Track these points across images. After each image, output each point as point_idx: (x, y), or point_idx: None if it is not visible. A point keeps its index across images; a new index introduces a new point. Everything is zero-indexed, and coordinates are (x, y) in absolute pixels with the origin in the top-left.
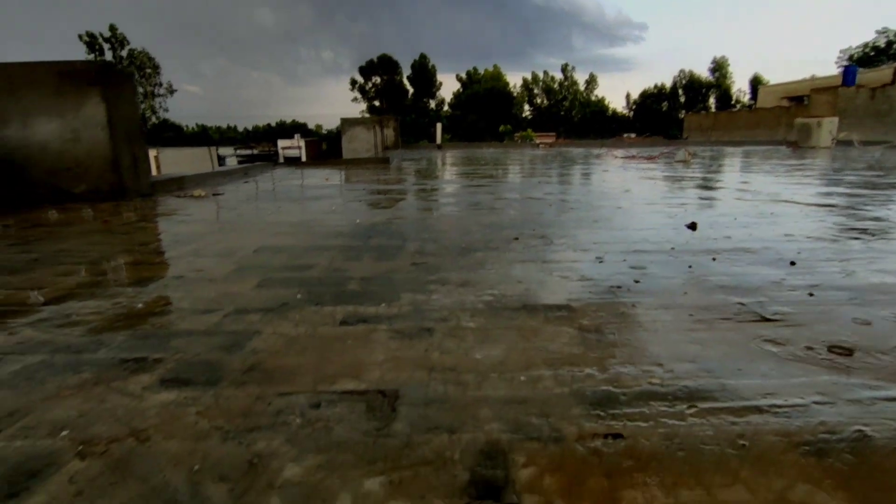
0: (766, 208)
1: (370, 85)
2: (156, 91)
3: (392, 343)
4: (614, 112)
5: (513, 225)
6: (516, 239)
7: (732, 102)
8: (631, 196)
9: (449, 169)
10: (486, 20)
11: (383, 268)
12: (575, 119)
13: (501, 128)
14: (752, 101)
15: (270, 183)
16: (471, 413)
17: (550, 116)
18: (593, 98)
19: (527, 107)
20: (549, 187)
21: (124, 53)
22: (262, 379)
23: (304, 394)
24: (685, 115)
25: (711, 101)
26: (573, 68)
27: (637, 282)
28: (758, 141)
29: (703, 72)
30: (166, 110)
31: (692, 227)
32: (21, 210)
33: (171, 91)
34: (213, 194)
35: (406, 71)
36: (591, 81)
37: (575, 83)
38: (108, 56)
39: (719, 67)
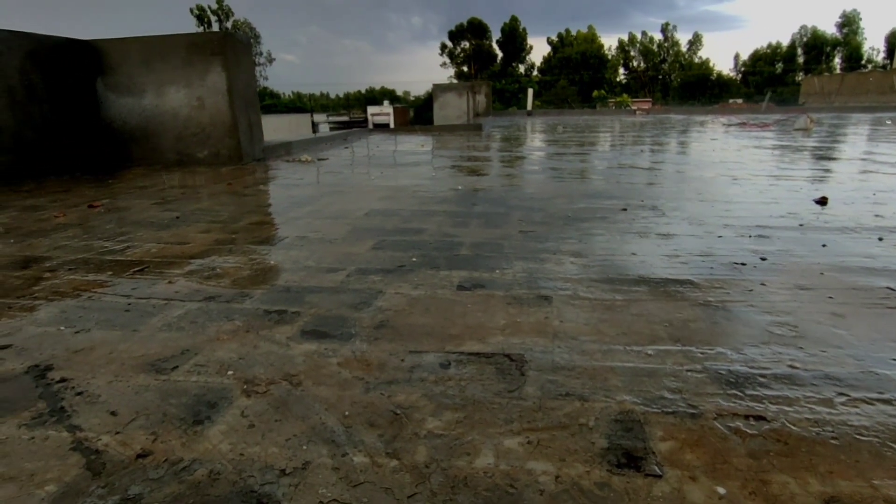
0: None
1: (459, 50)
2: (256, 60)
3: (511, 309)
4: (720, 76)
5: (619, 195)
6: (624, 210)
7: (863, 62)
8: (746, 167)
9: (542, 136)
10: None
11: (492, 235)
12: (675, 84)
13: (595, 93)
14: (888, 61)
15: (368, 149)
16: (600, 382)
17: (648, 80)
18: (696, 60)
19: (622, 70)
20: (652, 156)
21: (229, 24)
22: (392, 336)
23: (434, 353)
24: (803, 78)
25: (836, 61)
26: (674, 27)
27: (763, 259)
28: (894, 107)
29: (828, 28)
30: (266, 79)
31: (822, 202)
32: (158, 169)
33: (271, 60)
34: (318, 159)
35: (496, 35)
36: (696, 41)
37: (676, 44)
38: (215, 26)
39: (849, 22)
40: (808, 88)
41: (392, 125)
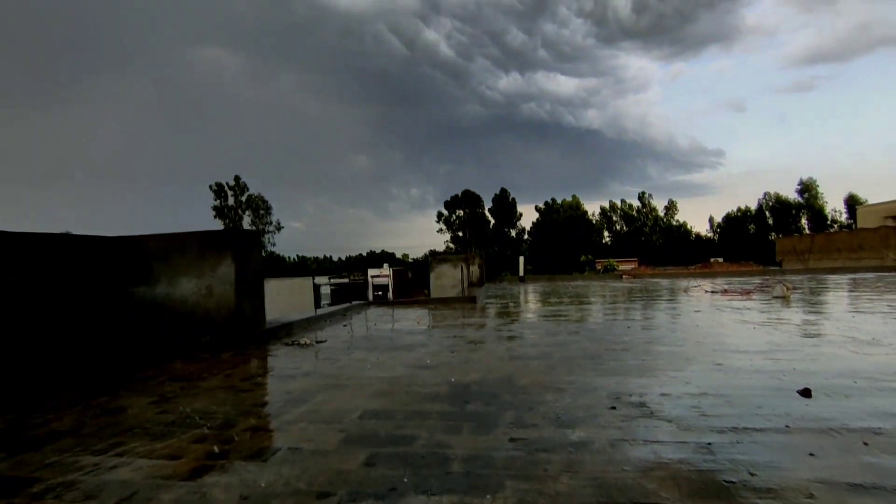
0: (895, 365)
1: (454, 217)
2: (266, 229)
3: None
4: (698, 236)
5: (608, 387)
6: (613, 408)
7: (828, 223)
8: (730, 348)
9: (534, 309)
10: (561, 156)
11: (484, 444)
12: (657, 244)
13: (583, 258)
14: (851, 222)
15: (366, 327)
16: None
17: (631, 242)
18: (674, 223)
19: (606, 233)
20: (639, 335)
21: (244, 198)
22: None
23: None
24: (777, 239)
25: (804, 222)
26: (650, 196)
27: (753, 475)
28: (864, 267)
29: (789, 193)
30: (273, 245)
31: (805, 394)
32: (159, 358)
33: (279, 228)
34: (317, 342)
35: (488, 203)
36: (671, 207)
37: (654, 209)
38: (231, 200)
39: (807, 188)
40: (782, 248)
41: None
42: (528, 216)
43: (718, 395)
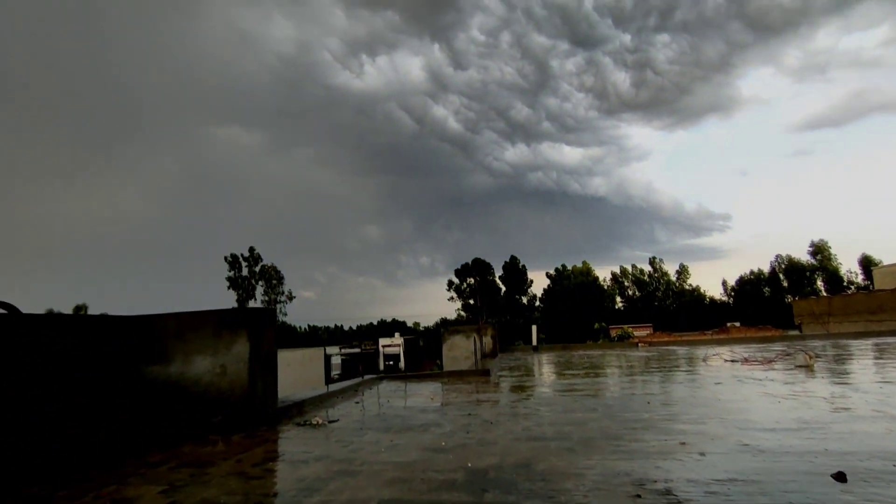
0: None
1: (465, 285)
2: (278, 299)
3: None
4: (712, 299)
5: (631, 471)
6: (638, 496)
7: (844, 284)
8: (755, 425)
9: (550, 382)
10: (569, 221)
11: None
12: (670, 308)
13: (596, 325)
14: (868, 283)
15: (378, 404)
16: None
17: (644, 307)
18: (687, 287)
19: (618, 299)
20: (659, 410)
21: (257, 269)
22: None
23: None
24: (793, 301)
25: (819, 284)
26: (661, 260)
27: None
28: (886, 331)
29: (802, 255)
30: (285, 315)
31: (840, 478)
32: (169, 440)
33: (291, 298)
34: (329, 421)
35: (498, 271)
36: (683, 272)
37: (665, 274)
38: (245, 271)
39: (819, 250)
40: (800, 310)
41: (402, 356)
42: (538, 283)
43: (748, 480)
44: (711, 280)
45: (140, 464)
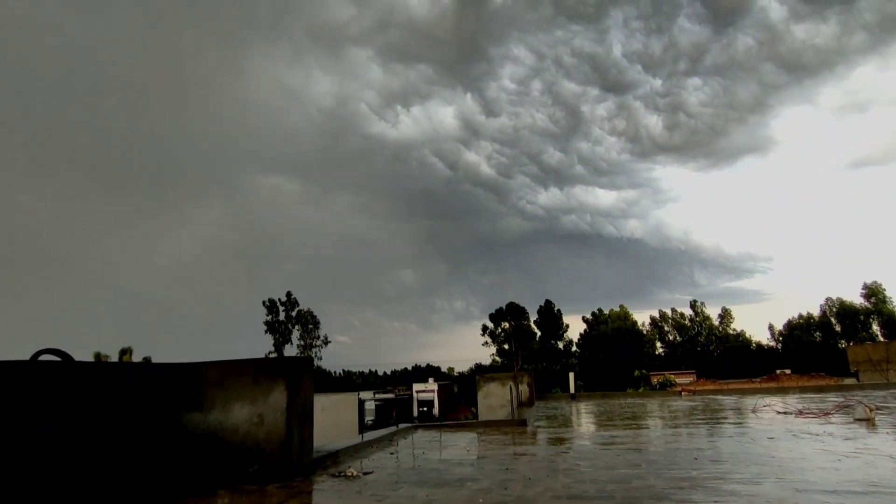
0: None
1: (499, 330)
2: (314, 343)
3: None
4: (759, 345)
5: None
6: None
7: None
8: (816, 486)
9: (589, 434)
10: (605, 265)
11: None
12: (714, 354)
13: (636, 372)
14: None
15: (413, 455)
16: None
17: (686, 353)
18: (731, 331)
19: (658, 344)
20: (708, 467)
21: (294, 313)
22: None
23: None
24: (848, 347)
25: (875, 328)
26: (702, 303)
27: None
28: None
29: (854, 298)
30: (320, 359)
31: None
32: (204, 488)
33: (326, 342)
34: (364, 473)
35: (533, 315)
36: (726, 316)
37: (707, 318)
38: (282, 315)
39: (873, 293)
40: (855, 357)
41: (436, 403)
42: (574, 327)
43: None
44: (756, 324)
45: None
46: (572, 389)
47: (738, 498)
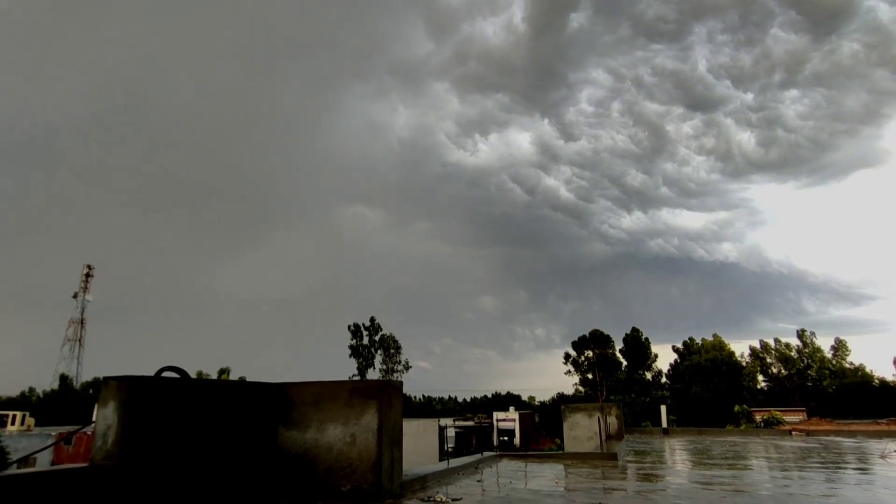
0: None
1: (583, 358)
2: (395, 368)
3: None
4: (882, 381)
5: None
6: None
7: None
8: None
9: (686, 473)
10: (697, 291)
11: None
12: (828, 391)
13: (736, 408)
14: None
15: (498, 484)
16: None
17: (794, 389)
18: (847, 365)
19: (760, 377)
20: None
21: (377, 338)
22: None
23: None
24: None
25: None
26: (812, 333)
27: None
28: None
29: None
30: (401, 384)
31: None
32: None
33: (408, 367)
34: (453, 500)
35: (618, 344)
36: (840, 347)
37: (819, 350)
38: (366, 340)
39: None
40: None
41: (517, 432)
42: (663, 357)
43: None
44: (878, 357)
45: None
46: (664, 424)
47: None
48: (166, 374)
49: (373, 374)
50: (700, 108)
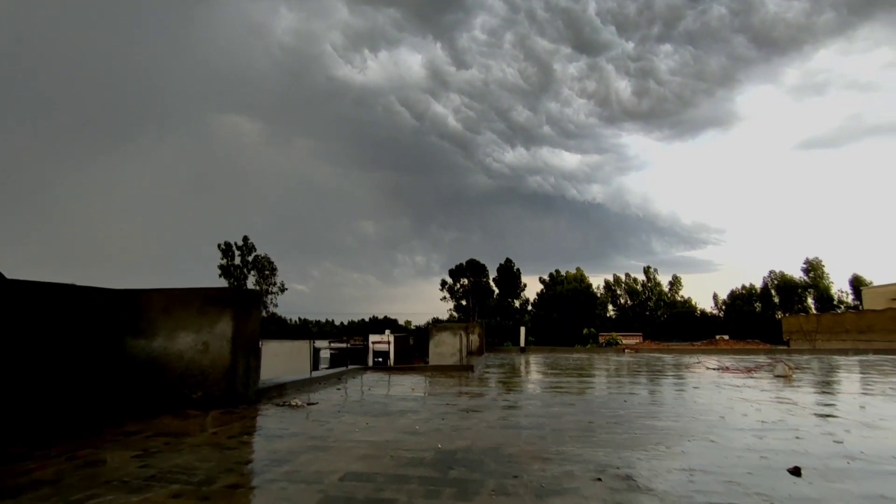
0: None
1: (458, 286)
2: (270, 290)
3: None
4: (703, 312)
5: (597, 459)
6: (598, 480)
7: (835, 303)
8: (726, 425)
9: (533, 380)
10: (567, 228)
11: None
12: (661, 319)
13: (585, 331)
14: (857, 303)
15: (360, 392)
16: None
17: (635, 317)
18: (678, 298)
19: (611, 307)
20: (636, 409)
21: (251, 258)
22: None
23: None
24: (783, 318)
25: (810, 301)
26: (655, 270)
27: None
28: (873, 349)
29: (795, 272)
30: (276, 306)
31: (795, 472)
32: (148, 412)
33: (283, 290)
34: (308, 403)
35: (492, 273)
36: (675, 283)
37: (658, 284)
38: (238, 260)
39: (813, 268)
40: (789, 327)
41: (391, 353)
42: (532, 287)
43: (707, 471)
44: (703, 293)
45: (117, 432)
46: (522, 343)
47: (654, 431)
48: None
49: None
50: (586, 51)
